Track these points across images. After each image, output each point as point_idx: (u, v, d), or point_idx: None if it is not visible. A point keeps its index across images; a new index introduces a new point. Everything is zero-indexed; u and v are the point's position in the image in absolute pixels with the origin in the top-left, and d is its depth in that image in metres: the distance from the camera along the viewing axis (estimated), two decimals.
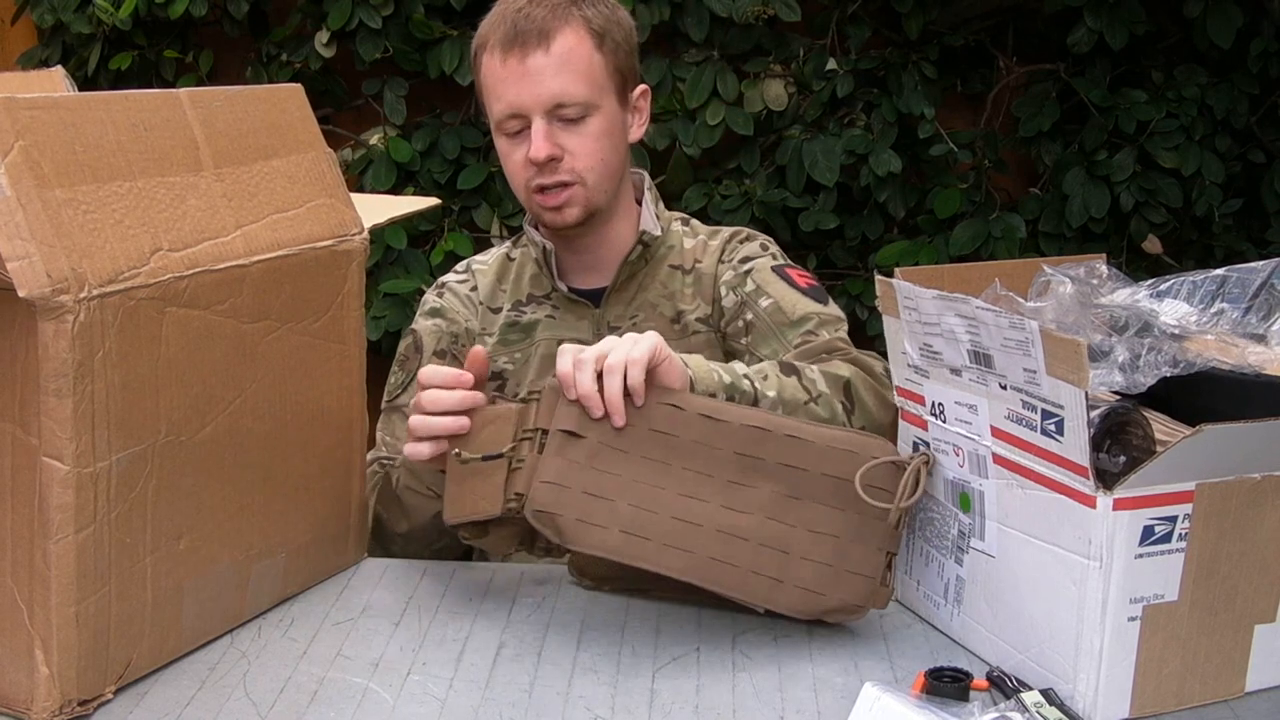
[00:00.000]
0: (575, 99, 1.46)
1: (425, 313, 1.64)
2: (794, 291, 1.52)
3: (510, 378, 1.58)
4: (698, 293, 1.57)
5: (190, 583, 1.16)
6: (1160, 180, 2.71)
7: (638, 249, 1.55)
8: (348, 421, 1.33)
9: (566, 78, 1.45)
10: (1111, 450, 1.07)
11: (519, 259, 1.63)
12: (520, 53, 1.45)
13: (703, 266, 1.59)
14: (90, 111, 1.06)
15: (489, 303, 1.62)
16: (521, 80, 1.45)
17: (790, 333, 1.49)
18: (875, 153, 2.67)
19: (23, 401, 1.03)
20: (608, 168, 1.51)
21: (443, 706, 1.10)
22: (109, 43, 2.84)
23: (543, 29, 1.45)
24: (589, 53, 1.47)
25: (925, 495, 1.22)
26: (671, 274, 1.58)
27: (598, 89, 1.48)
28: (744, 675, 1.15)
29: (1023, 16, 2.80)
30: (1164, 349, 1.15)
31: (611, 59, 1.49)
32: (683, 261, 1.59)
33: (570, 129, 1.47)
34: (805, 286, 1.54)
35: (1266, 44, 2.66)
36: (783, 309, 1.51)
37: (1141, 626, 1.04)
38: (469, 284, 1.64)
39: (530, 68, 1.44)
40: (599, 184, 1.50)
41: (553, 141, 1.46)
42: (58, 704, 1.05)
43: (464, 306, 1.62)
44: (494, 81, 1.48)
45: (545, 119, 1.46)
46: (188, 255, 1.10)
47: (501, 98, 1.47)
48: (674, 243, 1.60)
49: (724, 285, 1.56)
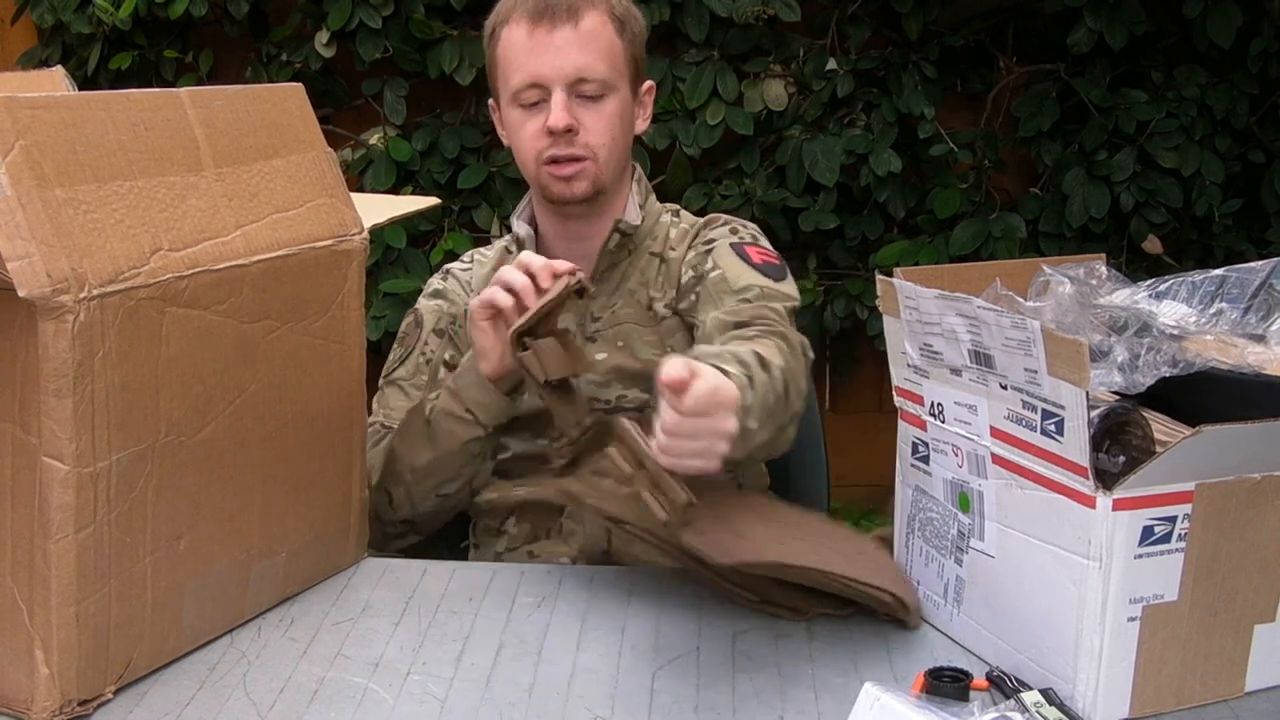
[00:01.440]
0: (597, 75, 1.49)
1: (428, 294, 1.67)
2: (743, 264, 1.52)
3: None
4: (666, 279, 1.58)
5: (190, 583, 1.16)
6: (1160, 180, 2.71)
7: (615, 238, 1.56)
8: (348, 421, 1.33)
9: (591, 54, 1.49)
10: (1111, 450, 1.07)
11: (516, 252, 1.64)
12: (549, 24, 1.48)
13: (674, 254, 1.60)
14: (91, 111, 1.06)
15: (482, 289, 1.62)
16: (547, 51, 1.48)
17: (728, 299, 1.48)
18: (875, 153, 2.68)
19: (23, 401, 1.03)
20: (618, 148, 1.54)
21: (443, 706, 1.10)
22: (109, 43, 2.84)
23: (571, 6, 1.49)
24: (612, 36, 1.51)
25: (924, 495, 1.22)
26: (650, 261, 1.60)
27: (617, 72, 1.52)
28: (744, 675, 1.15)
29: (1023, 16, 2.80)
30: (1163, 349, 1.15)
31: (629, 48, 1.53)
32: (661, 249, 1.60)
33: (588, 105, 1.50)
34: (759, 262, 1.53)
35: (1266, 44, 2.66)
36: (727, 279, 1.51)
37: (1141, 626, 1.04)
38: (470, 271, 1.68)
39: (557, 39, 1.48)
40: (609, 161, 1.53)
41: (571, 114, 1.49)
42: (58, 704, 1.05)
43: (464, 291, 1.65)
44: (515, 52, 1.50)
45: (565, 91, 1.49)
46: (188, 255, 1.10)
47: (523, 68, 1.49)
48: (659, 233, 1.61)
49: (686, 265, 1.57)
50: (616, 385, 1.54)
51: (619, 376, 1.54)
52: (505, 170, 2.74)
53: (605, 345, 1.56)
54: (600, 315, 1.57)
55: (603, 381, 1.54)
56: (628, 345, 1.55)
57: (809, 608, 1.25)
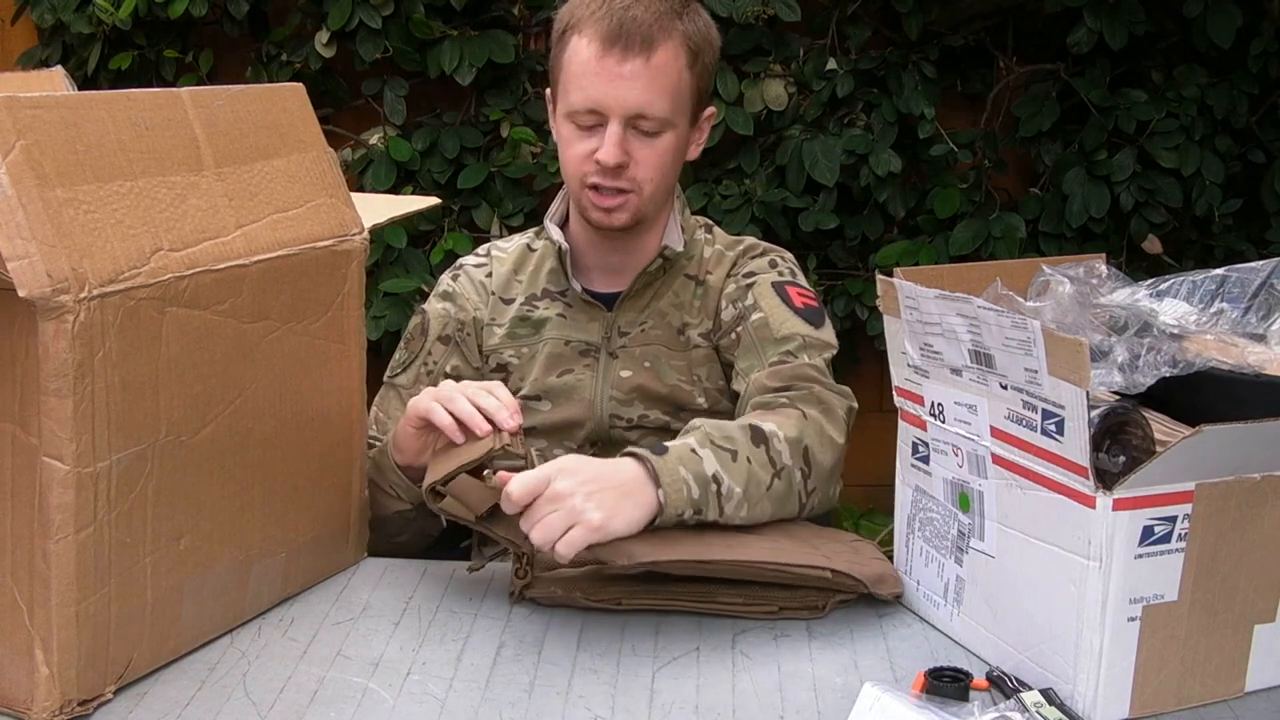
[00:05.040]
0: (657, 114, 1.46)
1: (438, 295, 1.64)
2: (786, 309, 1.52)
3: (514, 371, 1.58)
4: (703, 307, 1.58)
5: (190, 583, 1.16)
6: (1160, 180, 2.71)
7: (658, 261, 1.55)
8: (348, 421, 1.33)
9: (655, 92, 1.45)
10: (1111, 450, 1.07)
11: (540, 251, 1.63)
12: (621, 54, 1.44)
13: (712, 279, 1.59)
14: (91, 111, 1.06)
15: (501, 293, 1.62)
16: (613, 81, 1.44)
17: (771, 348, 1.49)
18: (875, 153, 2.67)
19: (23, 401, 1.03)
20: (666, 182, 1.52)
21: (443, 706, 1.10)
22: (109, 43, 2.83)
23: (647, 36, 1.44)
24: (681, 71, 1.48)
25: (924, 495, 1.22)
26: (685, 284, 1.59)
27: (679, 109, 1.49)
28: (744, 675, 1.15)
29: (1023, 16, 2.80)
30: (1163, 349, 1.15)
31: (698, 81, 1.50)
32: (697, 272, 1.60)
33: (643, 140, 1.48)
34: (800, 306, 1.53)
35: (1266, 44, 2.66)
36: (770, 325, 1.51)
37: (1141, 626, 1.04)
38: (485, 269, 1.64)
39: (625, 71, 1.44)
40: (654, 195, 1.51)
41: (624, 149, 1.46)
42: (58, 704, 1.05)
43: (476, 294, 1.62)
44: (581, 71, 1.46)
45: (622, 125, 1.46)
46: (188, 255, 1.10)
47: (585, 90, 1.46)
48: (693, 253, 1.60)
49: (725, 298, 1.57)
50: (639, 404, 1.54)
51: (642, 396, 1.54)
52: (505, 170, 2.74)
53: (631, 363, 1.55)
54: (627, 331, 1.56)
55: (625, 399, 1.54)
56: (654, 367, 1.55)
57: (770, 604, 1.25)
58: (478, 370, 1.59)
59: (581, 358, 1.56)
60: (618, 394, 1.54)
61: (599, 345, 1.56)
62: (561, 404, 1.55)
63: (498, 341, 1.59)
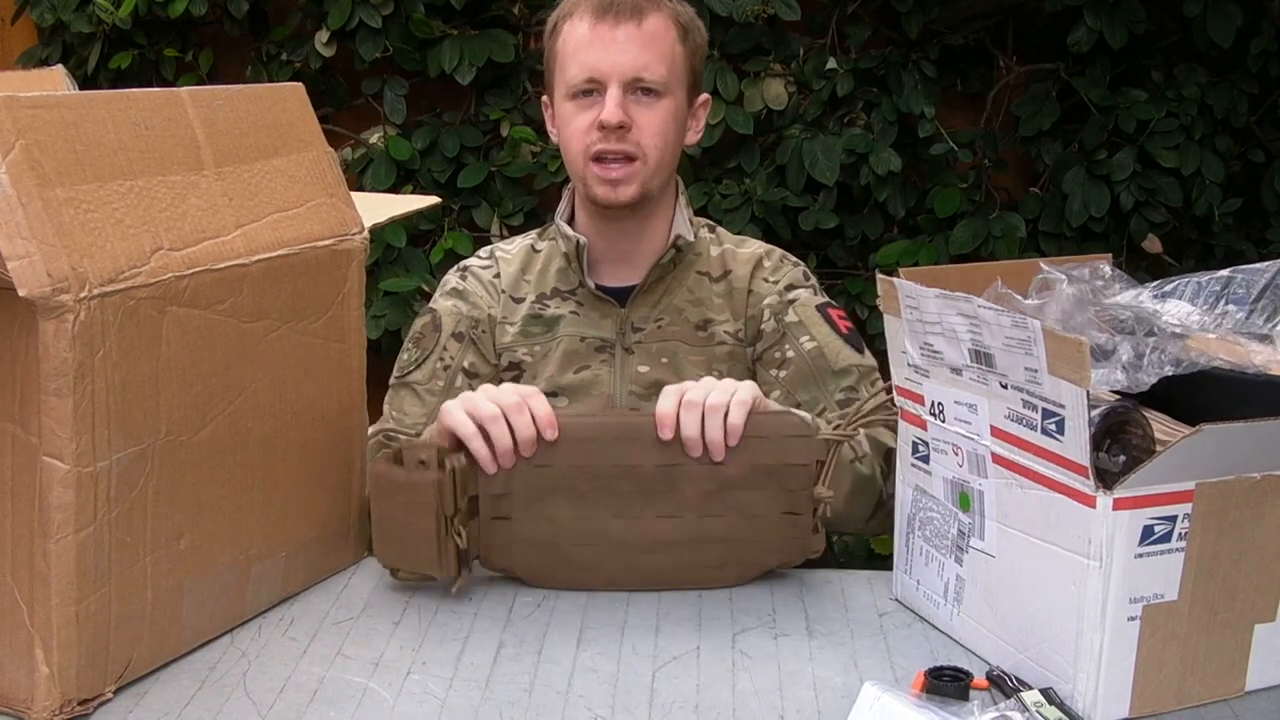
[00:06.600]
0: (655, 75, 1.50)
1: (446, 293, 1.63)
2: (837, 338, 1.55)
3: (528, 369, 1.58)
4: (729, 305, 1.59)
5: (190, 583, 1.16)
6: (1160, 180, 2.70)
7: (671, 252, 1.56)
8: (348, 421, 1.33)
9: (652, 54, 1.50)
10: (1111, 450, 1.07)
11: (545, 251, 1.63)
12: (612, 21, 1.49)
13: (736, 279, 1.60)
14: (91, 110, 1.06)
15: (512, 292, 1.62)
16: (608, 46, 1.49)
17: (831, 382, 1.52)
18: (875, 152, 2.67)
19: (23, 401, 1.03)
20: (669, 152, 1.54)
21: (443, 706, 1.10)
22: (109, 42, 2.83)
23: (636, 5, 1.50)
24: (674, 40, 1.52)
25: (924, 495, 1.22)
26: (699, 280, 1.59)
27: (675, 76, 1.52)
28: (744, 675, 1.15)
29: (1023, 16, 2.79)
30: (1168, 349, 1.15)
31: (690, 56, 1.55)
32: (710, 269, 1.60)
33: (643, 103, 1.50)
34: (846, 332, 1.57)
35: (1266, 43, 2.66)
36: (825, 355, 1.54)
37: (1141, 626, 1.04)
38: (492, 270, 1.64)
39: (619, 35, 1.49)
40: (658, 165, 1.53)
41: (625, 110, 1.49)
42: (58, 703, 1.05)
43: (486, 292, 1.62)
44: (576, 46, 1.50)
45: (622, 88, 1.49)
46: (188, 255, 1.10)
47: (582, 61, 1.50)
48: (701, 249, 1.62)
49: (766, 309, 1.58)
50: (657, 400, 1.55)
51: (660, 391, 1.54)
52: (505, 169, 2.74)
53: (648, 359, 1.56)
54: (641, 327, 1.57)
55: (644, 394, 1.54)
56: (672, 362, 1.56)
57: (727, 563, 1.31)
58: (494, 367, 1.59)
59: (597, 354, 1.57)
60: (637, 389, 1.55)
61: (614, 341, 1.57)
62: (579, 400, 1.56)
63: (510, 340, 1.59)
